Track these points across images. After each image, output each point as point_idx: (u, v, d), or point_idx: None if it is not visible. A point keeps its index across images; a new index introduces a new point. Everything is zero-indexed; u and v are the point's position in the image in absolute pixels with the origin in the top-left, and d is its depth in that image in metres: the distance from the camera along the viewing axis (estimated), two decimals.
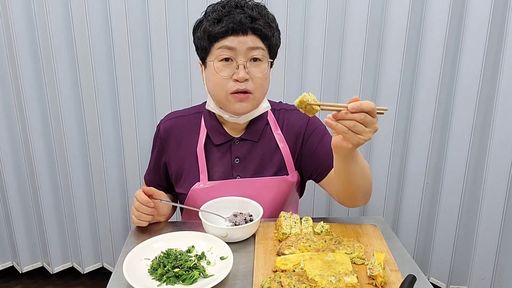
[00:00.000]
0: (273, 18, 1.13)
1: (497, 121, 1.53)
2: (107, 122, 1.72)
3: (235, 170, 1.20)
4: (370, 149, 1.73)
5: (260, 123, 1.21)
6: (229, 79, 1.08)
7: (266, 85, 1.14)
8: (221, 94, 1.10)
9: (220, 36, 1.06)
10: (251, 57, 1.08)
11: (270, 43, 1.11)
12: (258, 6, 1.10)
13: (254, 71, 1.08)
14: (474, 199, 1.65)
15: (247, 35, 1.06)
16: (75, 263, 1.97)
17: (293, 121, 1.23)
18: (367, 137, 0.87)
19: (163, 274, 0.89)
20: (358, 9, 1.55)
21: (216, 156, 1.20)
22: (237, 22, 1.04)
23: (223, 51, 1.07)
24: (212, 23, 1.07)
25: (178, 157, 1.22)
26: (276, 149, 1.22)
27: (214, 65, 1.08)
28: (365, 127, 0.86)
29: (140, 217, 1.10)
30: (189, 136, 1.22)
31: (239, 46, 1.06)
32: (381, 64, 1.61)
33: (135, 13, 1.58)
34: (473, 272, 1.70)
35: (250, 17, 1.06)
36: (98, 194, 1.83)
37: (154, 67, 1.64)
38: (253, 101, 1.11)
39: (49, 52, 1.61)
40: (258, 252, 1.01)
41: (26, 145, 1.75)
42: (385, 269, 0.93)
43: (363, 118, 0.84)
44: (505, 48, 1.47)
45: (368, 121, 0.85)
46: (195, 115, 1.25)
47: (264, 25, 1.08)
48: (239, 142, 1.20)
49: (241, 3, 1.08)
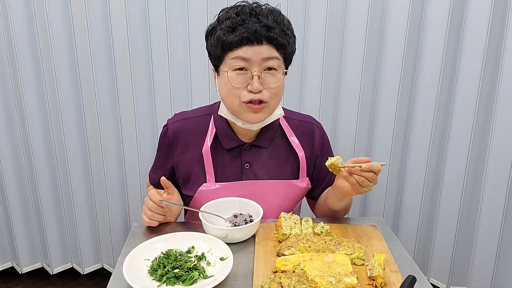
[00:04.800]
0: (289, 24, 1.09)
1: (497, 121, 1.53)
2: (107, 123, 1.72)
3: (244, 174, 1.19)
4: (370, 149, 1.73)
5: (271, 130, 1.20)
6: (243, 89, 1.06)
7: (281, 94, 1.12)
8: (235, 102, 1.08)
9: (234, 46, 1.03)
10: (266, 67, 1.05)
11: (286, 51, 1.07)
12: (273, 13, 1.06)
13: (268, 81, 1.06)
14: (474, 200, 1.65)
15: (262, 44, 1.03)
16: (75, 264, 1.97)
17: (308, 133, 1.25)
18: (369, 189, 1.06)
19: (163, 274, 0.89)
20: (358, 9, 1.55)
21: (226, 160, 1.19)
22: (251, 31, 1.01)
23: (237, 62, 1.04)
24: (226, 31, 1.03)
25: (186, 160, 1.21)
26: (289, 155, 1.22)
27: (228, 75, 1.06)
28: (370, 182, 1.03)
29: (153, 217, 1.10)
30: (198, 138, 1.20)
31: (254, 57, 1.03)
32: (381, 64, 1.61)
33: (135, 14, 1.57)
34: (473, 273, 1.70)
35: (265, 26, 1.02)
36: (98, 195, 1.82)
37: (154, 67, 1.64)
38: (267, 109, 1.10)
39: (49, 52, 1.61)
40: (258, 253, 1.01)
41: (26, 145, 1.75)
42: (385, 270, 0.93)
43: (371, 177, 1.02)
44: (505, 49, 1.47)
45: (374, 178, 1.03)
46: (205, 117, 1.22)
47: (280, 34, 1.04)
48: (249, 148, 1.19)
49: (256, 10, 1.04)
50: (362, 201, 1.82)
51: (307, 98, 1.67)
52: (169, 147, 1.23)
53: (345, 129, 1.70)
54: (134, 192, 1.80)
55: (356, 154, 1.72)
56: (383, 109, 1.66)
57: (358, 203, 1.81)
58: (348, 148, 1.72)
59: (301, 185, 1.22)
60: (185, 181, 1.23)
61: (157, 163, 1.30)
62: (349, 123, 1.69)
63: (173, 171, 1.25)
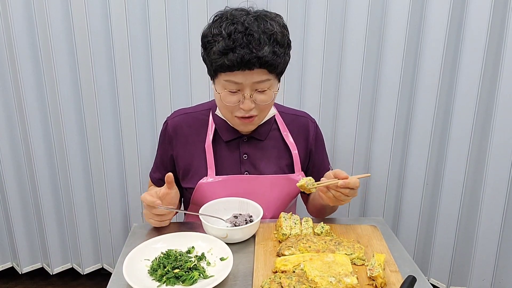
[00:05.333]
0: (282, 37, 1.06)
1: (497, 122, 1.53)
2: (107, 123, 1.72)
3: (243, 165, 1.23)
4: (370, 150, 1.73)
5: (268, 123, 1.25)
6: (235, 106, 1.10)
7: (271, 105, 1.17)
8: (228, 116, 1.16)
9: (226, 70, 1.05)
10: (257, 89, 1.08)
11: (277, 70, 1.08)
12: (266, 30, 1.03)
13: (260, 100, 1.09)
14: (474, 200, 1.65)
15: (253, 70, 1.03)
16: (75, 264, 1.97)
17: (303, 126, 1.29)
18: (348, 201, 1.10)
19: (163, 275, 0.89)
20: (358, 9, 1.55)
21: (225, 152, 1.23)
22: (242, 61, 1.01)
23: (230, 84, 1.07)
24: (218, 55, 1.03)
25: (186, 153, 1.24)
26: (284, 149, 1.26)
27: (221, 95, 1.10)
28: (347, 196, 1.07)
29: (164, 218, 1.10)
30: (197, 132, 1.24)
31: (246, 81, 1.05)
32: (381, 64, 1.61)
33: (135, 14, 1.57)
34: (473, 273, 1.70)
35: (256, 57, 1.01)
36: (98, 195, 1.82)
37: (154, 67, 1.64)
38: (258, 120, 1.17)
39: (49, 52, 1.60)
40: (258, 253, 1.01)
41: (26, 145, 1.75)
42: (385, 270, 0.93)
43: (348, 192, 1.06)
44: (505, 49, 1.47)
45: (352, 193, 1.07)
46: (204, 112, 1.27)
47: (271, 57, 1.03)
48: (247, 140, 1.23)
49: (249, 29, 1.01)
50: (362, 201, 1.82)
51: (307, 98, 1.67)
52: (169, 140, 1.25)
53: (345, 129, 1.70)
54: (134, 192, 1.80)
55: (356, 154, 1.72)
56: (383, 109, 1.66)
57: (358, 203, 1.81)
58: (348, 148, 1.72)
59: (297, 179, 1.23)
60: (185, 174, 1.25)
61: (158, 161, 1.31)
62: (349, 123, 1.69)
63: (174, 165, 1.27)
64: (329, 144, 1.72)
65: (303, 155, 1.28)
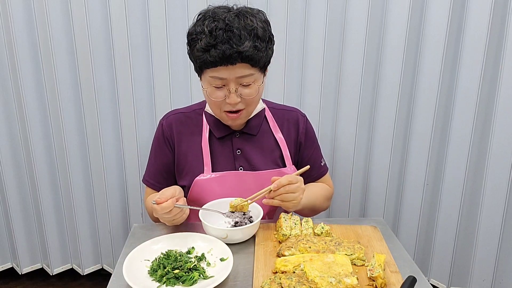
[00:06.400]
0: (263, 32, 1.08)
1: (497, 122, 1.53)
2: (107, 123, 1.72)
3: (237, 160, 1.25)
4: (370, 150, 1.73)
5: (257, 120, 1.27)
6: (222, 101, 1.13)
7: (258, 98, 1.19)
8: (216, 111, 1.19)
9: (210, 66, 1.08)
10: (241, 83, 1.10)
11: (260, 64, 1.10)
12: (246, 26, 1.05)
13: (245, 94, 1.12)
14: (474, 200, 1.65)
15: (235, 65, 1.06)
16: (74, 265, 1.97)
17: (293, 121, 1.32)
18: (299, 199, 1.09)
19: (163, 275, 0.89)
20: (358, 9, 1.54)
21: (218, 148, 1.25)
22: (224, 56, 1.04)
23: (215, 80, 1.10)
24: (201, 52, 1.06)
25: (181, 151, 1.26)
26: (275, 143, 1.28)
27: (208, 91, 1.14)
28: (293, 193, 1.07)
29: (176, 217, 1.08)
30: (192, 130, 1.26)
31: (229, 76, 1.08)
32: (381, 64, 1.61)
33: (135, 14, 1.57)
34: (473, 273, 1.70)
35: (237, 52, 1.04)
36: (98, 195, 1.82)
37: (154, 67, 1.64)
38: (245, 114, 1.19)
39: (49, 52, 1.60)
40: (258, 254, 1.01)
41: (26, 145, 1.74)
42: (385, 270, 0.93)
43: (288, 189, 1.06)
44: (505, 49, 1.46)
45: (293, 189, 1.07)
46: (196, 111, 1.30)
47: (253, 52, 1.05)
48: (239, 135, 1.26)
49: (229, 26, 1.04)
50: (362, 202, 1.81)
51: (307, 99, 1.67)
52: (164, 140, 1.28)
53: (345, 130, 1.70)
54: (134, 192, 1.80)
55: (356, 155, 1.72)
56: (383, 109, 1.66)
57: (358, 204, 1.81)
58: (348, 149, 1.72)
59: (290, 173, 1.23)
60: (179, 172, 1.27)
61: (155, 166, 1.30)
62: (349, 124, 1.69)
63: (169, 167, 1.28)
64: (329, 144, 1.72)
65: (293, 148, 1.30)
